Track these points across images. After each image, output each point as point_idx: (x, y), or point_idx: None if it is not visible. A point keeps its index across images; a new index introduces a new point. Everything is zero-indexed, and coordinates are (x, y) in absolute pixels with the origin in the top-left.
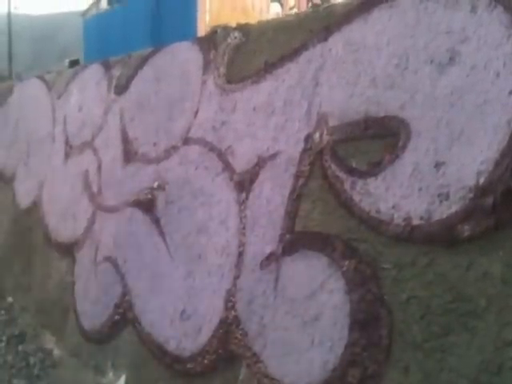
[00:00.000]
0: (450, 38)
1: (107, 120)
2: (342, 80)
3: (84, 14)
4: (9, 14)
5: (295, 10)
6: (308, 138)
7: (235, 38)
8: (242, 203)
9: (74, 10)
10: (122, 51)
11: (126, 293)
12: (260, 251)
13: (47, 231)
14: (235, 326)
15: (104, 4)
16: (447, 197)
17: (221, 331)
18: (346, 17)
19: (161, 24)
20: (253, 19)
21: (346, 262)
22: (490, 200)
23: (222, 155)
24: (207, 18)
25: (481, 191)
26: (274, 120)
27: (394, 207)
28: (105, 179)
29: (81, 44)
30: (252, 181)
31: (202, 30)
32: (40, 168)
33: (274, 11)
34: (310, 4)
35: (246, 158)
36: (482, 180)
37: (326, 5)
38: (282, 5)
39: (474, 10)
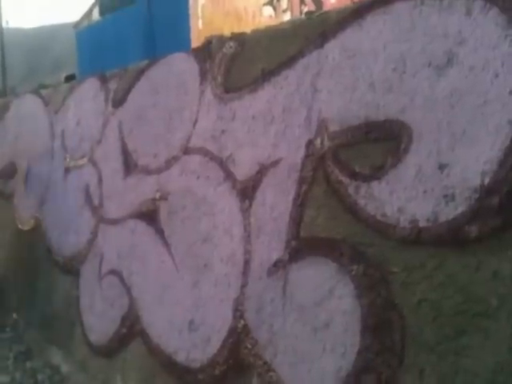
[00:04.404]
0: (446, 41)
1: (106, 133)
2: (340, 85)
3: (76, 25)
4: (0, 29)
5: (288, 13)
6: (309, 144)
7: (231, 47)
8: (245, 211)
9: (66, 21)
10: (116, 61)
11: (132, 305)
12: (266, 258)
13: (50, 246)
14: (245, 335)
15: (96, 15)
16: (453, 198)
17: (230, 341)
18: (341, 23)
19: (153, 32)
20: (246, 23)
21: (355, 267)
22: (495, 200)
23: (223, 164)
24: (200, 24)
25: (486, 191)
26: (273, 127)
27: (399, 210)
28: (106, 192)
29: (74, 55)
30: (255, 188)
31: (195, 36)
32: (40, 183)
33: (267, 14)
34: (302, 6)
35: (247, 165)
36: (486, 180)
37: (319, 12)
38: (274, 8)
39: (468, 12)
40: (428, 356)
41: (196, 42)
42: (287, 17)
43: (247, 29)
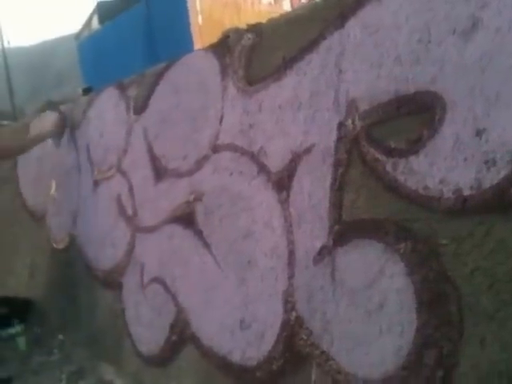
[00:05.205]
0: (469, 6)
1: (131, 141)
2: (365, 63)
3: (77, 36)
4: (3, 50)
5: None
6: (340, 126)
7: (249, 39)
8: (283, 202)
9: (67, 33)
10: (120, 67)
11: (179, 311)
12: (311, 247)
13: (88, 261)
14: (298, 326)
15: (95, 24)
16: (494, 162)
17: (284, 334)
18: (359, 1)
19: (154, 32)
20: (245, 13)
21: (402, 244)
22: None
23: (254, 157)
24: (199, 18)
25: None
26: (302, 114)
27: (441, 182)
28: (138, 200)
29: (76, 67)
30: (290, 178)
31: (196, 31)
32: (70, 200)
33: (266, 1)
34: None
35: (279, 156)
36: None
37: None
38: None
39: None
40: (488, 324)
41: (197, 37)
42: (287, 2)
43: (248, 18)
